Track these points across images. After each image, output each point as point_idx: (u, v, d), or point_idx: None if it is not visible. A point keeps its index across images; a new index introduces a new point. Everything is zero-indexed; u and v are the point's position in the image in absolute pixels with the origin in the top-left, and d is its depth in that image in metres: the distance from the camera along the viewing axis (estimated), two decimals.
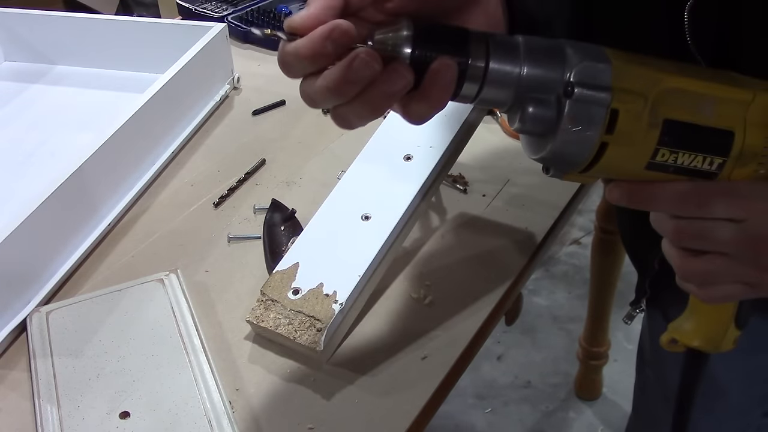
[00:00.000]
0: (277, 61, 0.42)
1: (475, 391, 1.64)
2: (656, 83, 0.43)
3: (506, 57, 0.43)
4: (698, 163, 0.45)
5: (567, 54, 0.43)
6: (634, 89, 0.43)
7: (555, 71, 0.43)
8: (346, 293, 0.64)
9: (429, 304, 0.70)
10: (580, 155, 0.44)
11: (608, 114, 0.42)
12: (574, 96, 0.42)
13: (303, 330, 0.63)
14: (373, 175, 0.73)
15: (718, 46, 0.54)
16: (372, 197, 0.71)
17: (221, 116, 1.01)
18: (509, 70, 0.43)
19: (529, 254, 0.76)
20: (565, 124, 0.43)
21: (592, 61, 0.43)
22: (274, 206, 0.81)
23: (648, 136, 0.43)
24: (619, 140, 0.43)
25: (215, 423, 0.58)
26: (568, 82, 0.42)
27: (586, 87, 0.42)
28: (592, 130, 0.43)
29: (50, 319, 0.67)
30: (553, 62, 0.43)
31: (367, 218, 0.69)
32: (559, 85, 0.43)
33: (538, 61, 0.43)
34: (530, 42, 0.44)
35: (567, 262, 1.95)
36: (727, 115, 0.44)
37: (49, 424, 0.58)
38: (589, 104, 0.42)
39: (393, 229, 0.68)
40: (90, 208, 0.78)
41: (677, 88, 0.44)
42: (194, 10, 1.26)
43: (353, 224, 0.69)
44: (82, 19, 1.08)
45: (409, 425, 0.59)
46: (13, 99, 1.04)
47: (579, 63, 0.43)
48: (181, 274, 0.73)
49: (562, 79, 0.43)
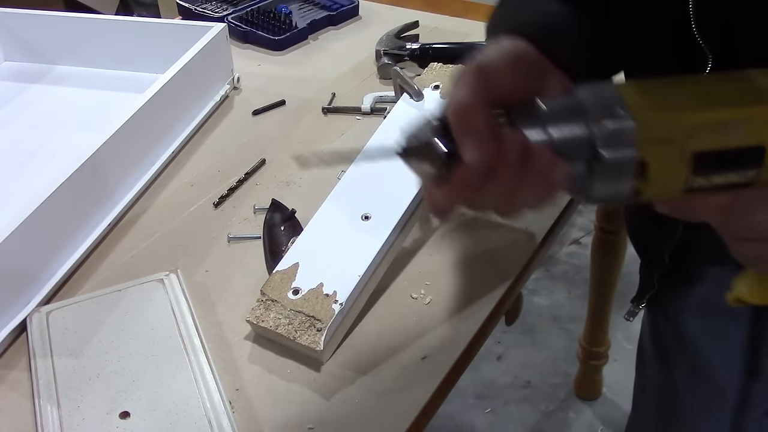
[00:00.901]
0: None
1: (475, 391, 1.64)
2: (680, 124, 0.44)
3: (530, 130, 0.45)
4: (733, 179, 0.45)
5: (589, 115, 0.44)
6: (659, 138, 0.44)
7: (580, 134, 0.44)
8: (346, 293, 0.64)
9: (429, 304, 0.70)
10: (616, 201, 0.46)
11: (638, 167, 0.44)
12: (602, 161, 0.44)
13: (303, 330, 0.63)
14: (373, 175, 0.73)
15: (724, 34, 0.53)
16: (372, 197, 0.71)
17: (221, 116, 1.01)
18: (535, 140, 0.45)
19: (529, 254, 0.76)
20: (597, 183, 0.44)
21: (614, 119, 0.44)
22: (274, 206, 0.81)
23: (680, 170, 0.44)
24: (653, 183, 0.44)
25: (215, 423, 0.58)
26: (593, 146, 0.44)
27: (612, 150, 0.43)
28: (623, 184, 0.44)
29: (50, 319, 0.67)
30: (577, 125, 0.45)
31: (367, 218, 0.69)
32: (585, 146, 0.44)
33: (561, 129, 0.45)
34: (551, 106, 0.46)
35: (567, 262, 1.95)
36: (755, 133, 0.44)
37: (49, 424, 0.58)
38: (617, 165, 0.44)
39: (393, 229, 0.68)
40: (90, 208, 0.78)
41: (702, 123, 0.44)
42: (194, 10, 1.26)
43: (353, 224, 0.69)
44: (82, 19, 1.08)
45: (409, 425, 0.59)
46: (13, 99, 1.04)
47: (602, 125, 0.44)
48: (181, 274, 0.73)
49: (587, 141, 0.44)
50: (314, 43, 1.20)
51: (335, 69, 1.11)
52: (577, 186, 0.46)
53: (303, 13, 1.26)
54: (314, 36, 1.22)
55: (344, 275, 0.65)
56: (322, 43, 1.20)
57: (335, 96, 1.04)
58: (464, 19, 1.23)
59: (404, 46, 1.09)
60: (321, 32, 1.23)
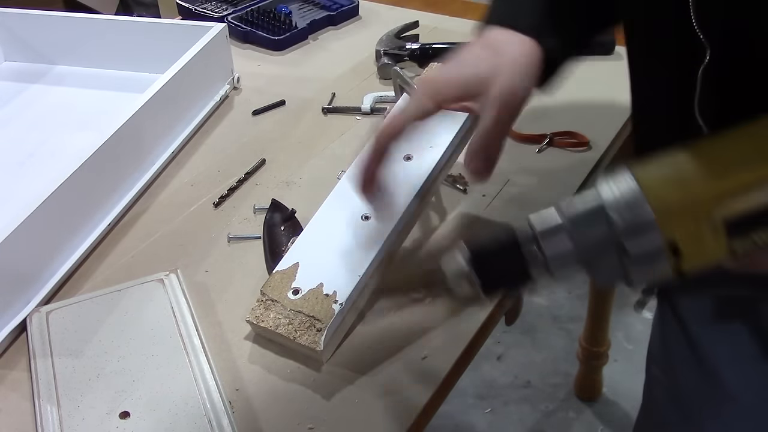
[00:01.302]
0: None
1: (475, 391, 1.64)
2: (701, 199, 0.44)
3: (556, 242, 0.47)
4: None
5: (609, 215, 0.45)
6: (683, 220, 0.44)
7: (603, 235, 0.46)
8: (346, 293, 0.64)
9: (429, 304, 0.70)
10: (659, 280, 0.47)
11: (670, 248, 0.44)
12: (632, 257, 0.45)
13: (303, 330, 0.63)
14: None
15: (723, 28, 0.53)
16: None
17: (221, 116, 1.01)
18: (563, 251, 0.47)
19: None
20: (634, 274, 0.46)
21: (634, 213, 0.45)
22: (274, 206, 0.81)
23: (716, 240, 0.45)
24: (691, 258, 0.45)
25: (215, 423, 0.58)
26: (620, 244, 0.45)
27: (636, 243, 0.45)
28: (661, 267, 0.45)
29: (50, 319, 0.67)
30: (598, 227, 0.46)
31: (367, 218, 0.69)
32: (611, 243, 0.45)
33: (584, 234, 0.46)
34: (570, 213, 0.47)
35: None
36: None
37: (49, 424, 0.58)
38: (646, 254, 0.45)
39: (393, 229, 0.68)
40: (90, 208, 0.78)
41: (724, 191, 0.44)
42: (194, 10, 1.26)
43: (353, 224, 0.69)
44: (82, 19, 1.08)
45: (409, 425, 0.59)
46: (13, 99, 1.04)
47: (623, 222, 0.45)
48: (181, 274, 0.73)
49: (613, 239, 0.45)
50: (314, 43, 1.20)
51: (335, 69, 1.11)
52: (617, 278, 0.47)
53: (303, 13, 1.26)
54: (314, 36, 1.22)
55: (344, 275, 0.65)
56: (322, 43, 1.20)
57: (335, 96, 1.04)
58: (464, 19, 1.23)
59: (404, 46, 1.09)
60: (321, 32, 1.23)
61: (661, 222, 0.44)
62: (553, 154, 0.89)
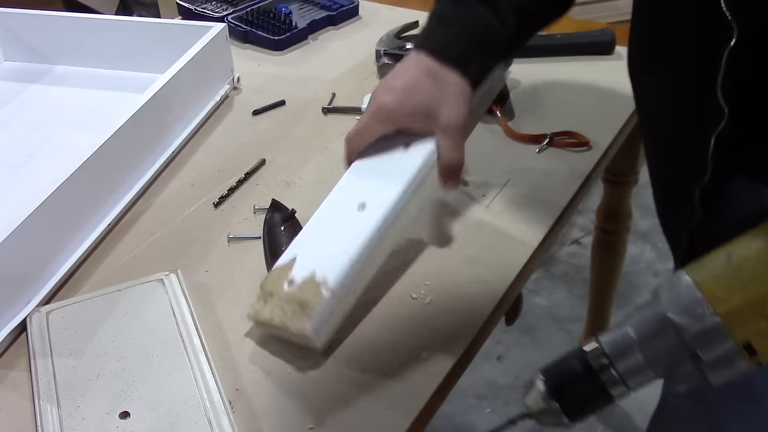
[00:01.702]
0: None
1: (475, 391, 1.63)
2: (764, 298, 0.45)
3: (628, 361, 0.48)
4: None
5: (677, 328, 0.46)
6: (751, 318, 0.45)
7: (673, 345, 0.47)
8: (337, 277, 0.64)
9: (429, 304, 0.70)
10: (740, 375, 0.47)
11: (744, 348, 0.45)
12: (706, 365, 0.46)
13: (295, 317, 0.62)
14: (372, 167, 0.72)
15: (754, 11, 0.53)
16: (369, 187, 0.70)
17: (221, 116, 1.01)
18: (636, 366, 0.48)
19: (529, 254, 0.76)
20: (712, 377, 0.47)
21: (699, 320, 0.45)
22: (274, 206, 0.81)
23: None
24: (766, 353, 0.46)
25: (215, 423, 0.58)
26: (693, 352, 0.46)
27: (708, 350, 0.46)
28: (737, 365, 0.46)
29: (50, 319, 0.67)
30: (667, 338, 0.47)
31: (363, 207, 0.69)
32: (684, 352, 0.46)
33: (654, 347, 0.48)
34: (640, 330, 0.48)
35: (567, 262, 1.95)
36: None
37: (49, 424, 0.58)
38: (720, 359, 0.46)
39: (386, 212, 0.67)
40: (90, 208, 0.78)
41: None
42: (194, 10, 1.26)
43: (349, 215, 0.69)
44: (82, 19, 1.08)
45: (409, 425, 0.59)
46: (13, 99, 1.04)
47: (691, 330, 0.46)
48: (181, 274, 0.73)
49: (685, 349, 0.46)
50: (314, 43, 1.20)
51: (335, 69, 1.11)
52: (696, 382, 0.48)
53: (303, 13, 1.26)
54: (314, 36, 1.22)
55: (336, 262, 0.65)
56: (322, 43, 1.20)
57: (335, 96, 1.03)
58: None
59: (404, 46, 1.09)
60: (321, 32, 1.23)
61: (728, 325, 0.44)
62: (553, 154, 0.89)
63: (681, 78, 0.63)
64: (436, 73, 0.67)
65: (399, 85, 0.68)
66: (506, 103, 0.99)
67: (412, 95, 0.67)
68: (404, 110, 0.67)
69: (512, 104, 1.00)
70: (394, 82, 0.68)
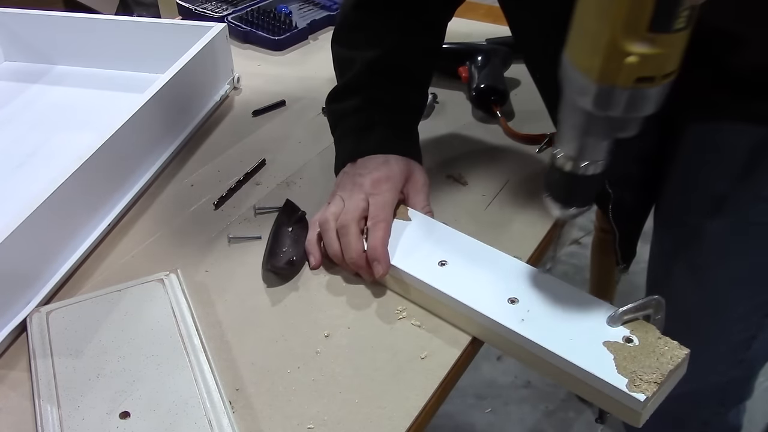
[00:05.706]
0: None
1: (475, 391, 1.64)
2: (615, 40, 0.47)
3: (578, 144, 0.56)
4: None
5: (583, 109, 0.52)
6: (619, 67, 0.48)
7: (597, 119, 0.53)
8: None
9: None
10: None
11: (639, 83, 0.48)
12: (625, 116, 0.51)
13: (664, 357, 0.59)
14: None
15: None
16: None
17: (221, 116, 1.01)
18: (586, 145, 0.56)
19: (529, 254, 0.76)
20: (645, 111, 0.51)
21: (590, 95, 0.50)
22: (288, 207, 0.80)
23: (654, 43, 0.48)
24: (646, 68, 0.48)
25: (215, 423, 0.58)
26: (607, 117, 0.51)
27: (618, 106, 0.50)
28: (648, 98, 0.50)
29: (50, 319, 0.68)
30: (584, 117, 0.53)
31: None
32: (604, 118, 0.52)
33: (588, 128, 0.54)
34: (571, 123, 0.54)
35: (567, 262, 1.95)
36: None
37: (49, 424, 0.58)
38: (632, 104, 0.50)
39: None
40: (90, 208, 0.78)
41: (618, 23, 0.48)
42: (194, 10, 1.26)
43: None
44: (82, 19, 1.08)
45: (409, 425, 0.59)
46: (13, 99, 1.04)
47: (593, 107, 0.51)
48: (181, 274, 0.73)
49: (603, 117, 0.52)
50: (314, 43, 1.20)
51: None
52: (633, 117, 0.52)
53: (303, 13, 1.26)
54: (314, 36, 1.22)
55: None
56: (322, 43, 1.20)
57: None
58: (464, 19, 1.23)
59: None
60: (321, 32, 1.23)
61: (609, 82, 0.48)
62: None
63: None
64: (389, 158, 0.77)
65: (380, 175, 0.76)
66: (506, 103, 0.99)
67: (391, 172, 0.76)
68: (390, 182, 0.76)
69: (512, 104, 1.00)
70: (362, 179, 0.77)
